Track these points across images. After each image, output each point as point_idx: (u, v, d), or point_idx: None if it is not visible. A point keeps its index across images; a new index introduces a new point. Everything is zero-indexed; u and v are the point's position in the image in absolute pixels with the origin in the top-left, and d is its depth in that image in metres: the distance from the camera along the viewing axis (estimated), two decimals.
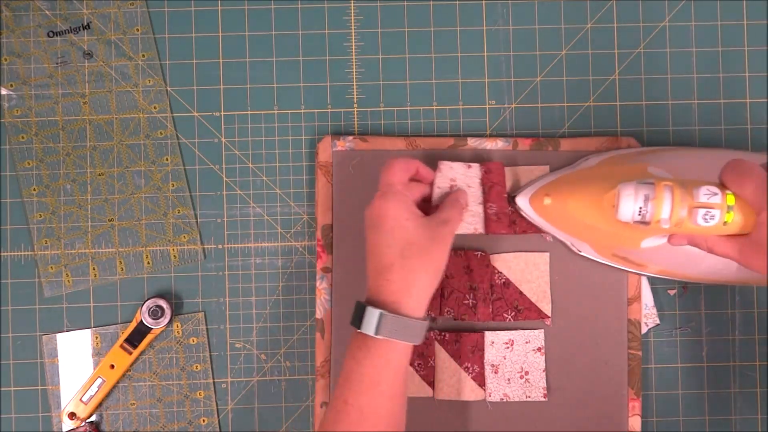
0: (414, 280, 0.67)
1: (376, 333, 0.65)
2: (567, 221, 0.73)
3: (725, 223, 0.64)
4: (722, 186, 0.65)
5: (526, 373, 0.78)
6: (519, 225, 0.76)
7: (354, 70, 0.81)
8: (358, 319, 0.66)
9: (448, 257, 0.72)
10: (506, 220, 0.76)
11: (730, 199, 0.64)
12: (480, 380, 0.78)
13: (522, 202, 0.75)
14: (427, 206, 0.74)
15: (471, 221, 0.75)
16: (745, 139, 0.81)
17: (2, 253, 0.80)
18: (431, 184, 0.74)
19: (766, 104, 0.81)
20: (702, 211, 0.64)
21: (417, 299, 0.67)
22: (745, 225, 0.64)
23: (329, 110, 0.81)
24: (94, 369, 0.79)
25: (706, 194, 0.64)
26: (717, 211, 0.64)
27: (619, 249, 0.74)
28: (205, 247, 0.80)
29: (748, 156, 0.76)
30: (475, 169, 0.77)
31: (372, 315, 0.65)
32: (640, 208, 0.65)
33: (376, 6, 0.81)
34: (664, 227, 0.65)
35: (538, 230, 0.77)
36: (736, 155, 0.71)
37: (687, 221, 0.64)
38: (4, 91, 0.80)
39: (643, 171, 0.71)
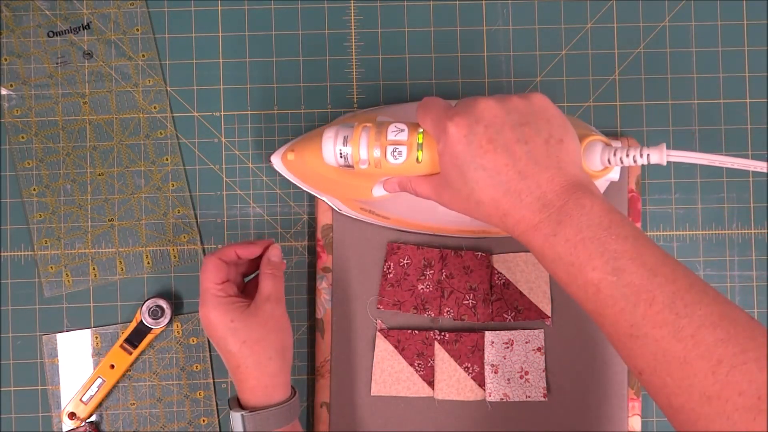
0: (264, 370, 0.68)
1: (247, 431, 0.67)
2: (310, 176, 0.73)
3: (418, 161, 0.63)
4: (416, 125, 0.64)
5: (526, 373, 0.78)
6: None
7: (354, 70, 0.81)
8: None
9: (449, 257, 0.72)
10: None
11: (420, 137, 0.63)
12: (480, 380, 0.78)
13: (275, 160, 0.75)
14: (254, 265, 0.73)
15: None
16: (745, 139, 0.81)
17: (2, 253, 0.80)
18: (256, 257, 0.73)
19: (766, 104, 0.81)
20: (390, 148, 0.63)
21: (276, 384, 0.68)
22: (434, 162, 0.63)
23: (329, 110, 0.81)
24: (94, 369, 0.79)
25: (394, 131, 0.64)
26: (404, 147, 0.63)
27: (361, 200, 0.73)
28: (205, 247, 0.80)
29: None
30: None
31: (236, 419, 0.67)
32: (340, 150, 0.65)
33: (376, 6, 0.81)
34: (363, 167, 0.65)
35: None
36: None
37: (383, 161, 0.64)
38: (4, 91, 0.80)
39: (372, 119, 0.70)
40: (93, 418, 0.79)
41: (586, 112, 0.81)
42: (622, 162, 0.62)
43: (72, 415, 0.78)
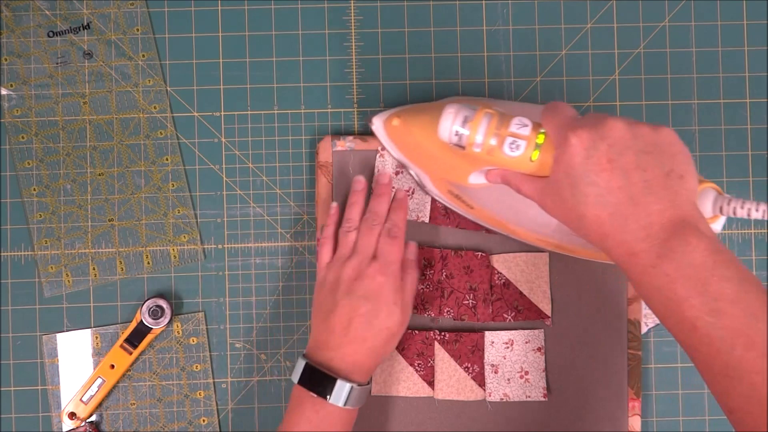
0: (380, 358, 0.70)
1: (345, 404, 0.67)
2: (411, 146, 0.73)
3: (532, 159, 0.63)
4: (538, 125, 0.64)
5: (526, 373, 0.78)
6: (455, 218, 0.78)
7: (354, 70, 0.81)
8: (320, 387, 0.68)
9: (450, 257, 0.73)
10: (454, 215, 0.77)
11: (540, 138, 0.63)
12: (480, 380, 0.78)
13: (377, 122, 0.75)
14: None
15: (415, 209, 0.77)
16: (745, 139, 0.81)
17: (2, 253, 0.80)
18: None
19: (766, 104, 0.81)
20: (509, 140, 0.63)
21: (371, 365, 0.70)
22: (547, 165, 0.63)
23: (329, 110, 0.81)
24: (94, 369, 0.79)
25: (517, 124, 0.64)
26: (523, 142, 0.63)
27: (452, 183, 0.73)
28: (205, 247, 0.80)
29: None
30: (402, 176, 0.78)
31: (343, 389, 0.67)
32: (458, 129, 0.65)
33: (376, 6, 0.81)
34: (476, 151, 0.65)
35: (477, 226, 0.77)
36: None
37: (497, 150, 0.64)
38: (4, 91, 0.80)
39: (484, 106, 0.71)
40: (93, 418, 0.79)
41: (586, 112, 0.81)
42: (734, 213, 0.61)
43: (72, 415, 0.78)
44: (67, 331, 0.80)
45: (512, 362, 0.78)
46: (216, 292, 0.80)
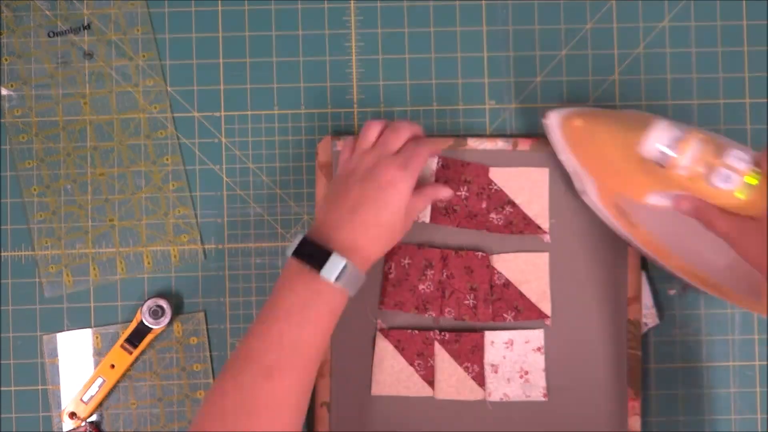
0: (383, 244, 0.68)
1: (337, 280, 0.65)
2: (588, 148, 0.71)
3: (737, 194, 0.62)
4: (757, 162, 0.63)
5: (526, 372, 0.78)
6: (461, 218, 0.77)
7: (354, 70, 0.81)
8: (312, 258, 0.66)
9: (450, 257, 0.72)
10: (454, 215, 0.77)
11: (753, 179, 0.62)
12: (480, 380, 0.78)
13: (554, 117, 0.73)
14: None
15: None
16: (745, 139, 0.81)
17: (2, 253, 0.80)
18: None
19: (766, 104, 0.81)
20: (723, 171, 0.61)
21: (373, 259, 0.68)
22: (754, 206, 0.62)
23: (329, 110, 0.81)
24: (94, 369, 0.79)
25: (735, 157, 0.62)
26: (737, 177, 0.61)
27: (623, 197, 0.71)
28: (206, 247, 0.80)
29: None
30: (432, 162, 0.77)
31: (337, 263, 0.65)
32: (665, 147, 0.63)
33: (376, 6, 0.81)
34: (680, 173, 0.63)
35: (477, 226, 0.77)
36: None
37: (702, 179, 0.62)
38: (4, 92, 0.80)
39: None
40: (93, 418, 0.79)
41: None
42: None
43: (72, 415, 0.78)
44: (68, 331, 0.80)
45: (512, 362, 0.78)
46: (216, 292, 0.80)
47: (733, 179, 0.62)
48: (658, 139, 0.64)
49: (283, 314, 0.65)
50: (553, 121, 0.73)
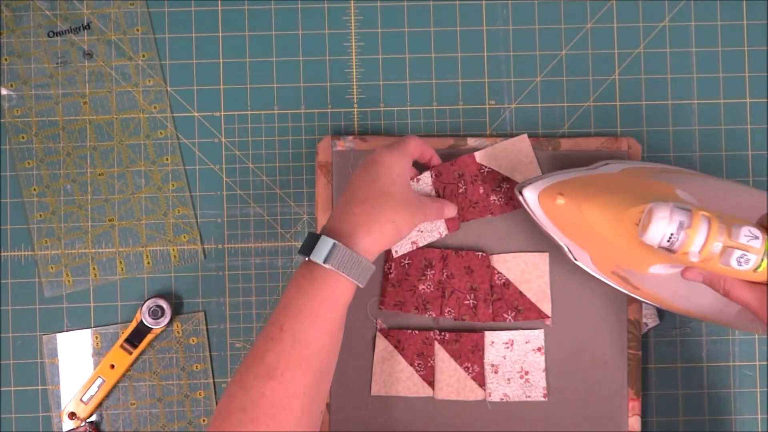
0: (378, 220, 0.66)
1: (325, 262, 0.64)
2: (575, 226, 0.70)
3: (756, 269, 0.60)
4: (764, 229, 0.60)
5: (526, 373, 0.78)
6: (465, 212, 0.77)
7: (354, 70, 0.81)
8: (308, 248, 0.65)
9: (450, 258, 0.72)
10: (460, 212, 0.77)
11: None
12: (480, 380, 0.78)
13: (530, 195, 0.70)
14: None
15: (432, 228, 0.77)
16: (745, 139, 0.81)
17: (2, 253, 0.80)
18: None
19: (766, 104, 0.81)
20: (738, 253, 0.59)
21: (373, 240, 0.66)
22: None
23: (329, 110, 0.81)
24: (94, 369, 0.79)
25: (747, 236, 0.59)
26: (754, 256, 0.59)
27: (622, 268, 0.70)
28: (205, 247, 0.80)
29: None
30: (426, 178, 0.77)
31: (325, 244, 0.65)
32: (672, 234, 0.60)
33: (376, 6, 0.81)
34: (692, 260, 0.60)
35: (482, 213, 0.77)
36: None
37: (716, 259, 0.60)
38: (4, 91, 0.80)
39: (672, 193, 0.66)
40: (93, 418, 0.79)
41: (586, 112, 0.81)
42: None
43: (72, 415, 0.78)
44: (67, 331, 0.80)
45: (512, 362, 0.78)
46: (216, 292, 0.80)
47: (750, 259, 0.59)
48: (662, 231, 0.61)
49: (282, 308, 0.65)
50: (530, 199, 0.70)
